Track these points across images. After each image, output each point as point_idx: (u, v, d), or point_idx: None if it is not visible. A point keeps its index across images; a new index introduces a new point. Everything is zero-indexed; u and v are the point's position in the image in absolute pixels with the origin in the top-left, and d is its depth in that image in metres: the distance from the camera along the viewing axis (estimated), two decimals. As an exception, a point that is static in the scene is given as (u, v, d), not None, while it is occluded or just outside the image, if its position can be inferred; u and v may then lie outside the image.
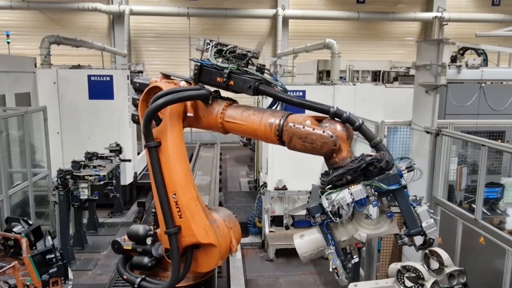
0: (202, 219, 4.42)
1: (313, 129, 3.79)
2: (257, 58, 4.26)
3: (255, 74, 4.10)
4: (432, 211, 3.97)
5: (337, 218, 3.74)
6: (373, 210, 3.97)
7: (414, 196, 3.77)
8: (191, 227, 4.35)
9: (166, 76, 4.56)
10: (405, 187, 3.64)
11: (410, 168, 3.69)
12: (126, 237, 4.92)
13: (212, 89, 4.36)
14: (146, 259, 4.66)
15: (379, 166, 3.57)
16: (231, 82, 4.12)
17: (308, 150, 3.84)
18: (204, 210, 4.51)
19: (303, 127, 3.83)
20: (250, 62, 4.19)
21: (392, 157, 3.68)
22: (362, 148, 5.33)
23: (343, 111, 3.82)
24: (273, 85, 4.18)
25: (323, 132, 3.74)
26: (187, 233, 4.35)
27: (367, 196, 3.62)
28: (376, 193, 3.62)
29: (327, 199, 3.65)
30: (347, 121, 3.82)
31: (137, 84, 4.65)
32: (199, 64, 4.23)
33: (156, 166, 4.27)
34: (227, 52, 4.18)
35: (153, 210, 5.07)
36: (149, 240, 4.68)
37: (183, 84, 4.38)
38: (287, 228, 9.53)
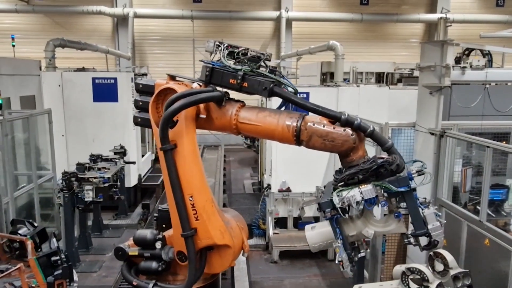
0: (217, 220, 4.45)
1: (334, 128, 3.93)
2: (270, 60, 4.28)
3: (268, 76, 4.15)
4: (440, 214, 4.05)
5: (346, 215, 3.87)
6: (376, 211, 4.01)
7: (424, 198, 3.90)
8: (208, 229, 4.37)
9: (172, 78, 4.57)
10: (414, 189, 3.75)
11: (420, 172, 3.82)
12: (129, 242, 4.86)
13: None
14: (155, 264, 4.63)
15: (390, 168, 3.72)
16: (245, 84, 4.15)
17: (328, 148, 3.96)
18: (218, 212, 4.55)
19: (324, 126, 3.96)
20: (264, 64, 4.23)
21: (404, 160, 3.82)
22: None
23: (354, 119, 3.94)
24: (283, 86, 4.23)
25: (344, 130, 3.89)
26: (204, 235, 4.38)
27: (377, 196, 3.75)
28: (385, 193, 3.76)
29: (338, 195, 3.80)
30: (358, 128, 3.92)
31: (141, 86, 4.64)
32: (210, 65, 4.24)
33: (173, 169, 4.26)
34: (239, 54, 4.21)
35: (155, 214, 5.03)
36: (158, 244, 4.64)
37: (195, 86, 4.40)
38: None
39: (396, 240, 7.10)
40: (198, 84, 4.41)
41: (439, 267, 4.31)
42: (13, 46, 15.21)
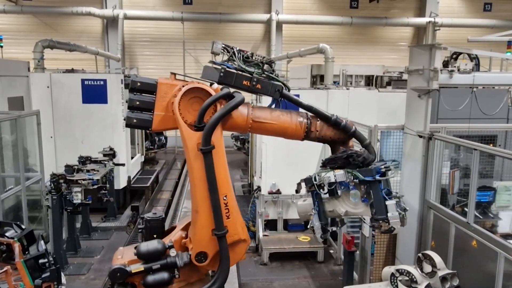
0: (240, 217, 4.70)
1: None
2: (272, 64, 4.69)
3: (276, 79, 4.59)
4: (407, 209, 4.60)
5: (322, 191, 4.58)
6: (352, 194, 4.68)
7: (396, 192, 4.60)
8: (236, 226, 4.58)
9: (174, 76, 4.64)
10: (379, 181, 4.41)
11: (387, 168, 4.47)
12: (124, 260, 4.58)
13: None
14: (168, 274, 4.50)
15: (357, 159, 4.42)
16: (259, 86, 4.52)
17: (337, 136, 4.70)
18: None
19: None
20: (272, 68, 4.66)
21: (374, 156, 4.58)
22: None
23: (341, 120, 4.64)
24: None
25: (346, 121, 4.73)
26: (233, 232, 4.56)
27: (348, 181, 4.47)
28: (356, 180, 4.45)
29: (318, 175, 4.54)
30: (344, 128, 4.62)
31: (139, 84, 4.48)
32: (225, 67, 4.47)
33: (212, 170, 4.34)
34: (249, 57, 4.55)
35: (141, 226, 4.81)
36: (173, 251, 4.56)
37: (215, 87, 4.47)
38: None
39: (385, 242, 7.15)
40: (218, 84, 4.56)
41: (427, 268, 4.37)
42: (1, 46, 15.09)
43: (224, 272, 4.58)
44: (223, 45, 4.54)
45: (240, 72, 4.50)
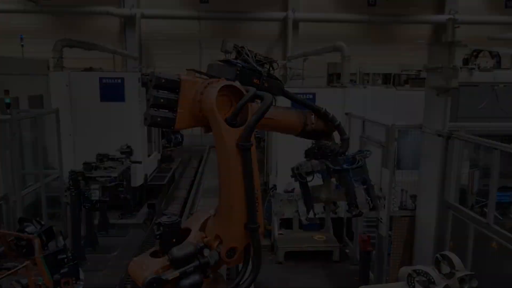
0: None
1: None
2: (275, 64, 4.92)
3: (276, 78, 4.79)
4: (381, 196, 5.11)
5: (303, 179, 4.96)
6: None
7: (370, 180, 4.96)
8: (261, 219, 4.61)
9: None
10: (347, 170, 4.77)
11: (354, 157, 4.83)
12: (152, 270, 4.23)
13: None
14: (199, 276, 4.48)
15: (325, 150, 4.84)
16: (266, 84, 4.68)
17: (327, 128, 5.06)
18: None
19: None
20: (272, 67, 4.85)
21: (345, 149, 4.95)
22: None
23: (329, 113, 5.03)
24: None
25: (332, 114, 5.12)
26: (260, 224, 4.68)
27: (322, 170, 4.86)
28: (330, 168, 4.81)
29: (300, 165, 4.90)
30: (331, 120, 4.99)
31: (163, 80, 4.20)
32: (240, 65, 4.56)
33: (251, 165, 4.33)
34: (255, 57, 4.68)
35: (157, 232, 4.60)
36: (207, 251, 4.44)
37: (238, 85, 4.49)
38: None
39: (401, 242, 7.08)
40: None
41: (446, 269, 4.30)
42: (22, 46, 15.35)
43: (258, 265, 4.69)
44: (234, 44, 4.66)
45: (252, 71, 4.60)
